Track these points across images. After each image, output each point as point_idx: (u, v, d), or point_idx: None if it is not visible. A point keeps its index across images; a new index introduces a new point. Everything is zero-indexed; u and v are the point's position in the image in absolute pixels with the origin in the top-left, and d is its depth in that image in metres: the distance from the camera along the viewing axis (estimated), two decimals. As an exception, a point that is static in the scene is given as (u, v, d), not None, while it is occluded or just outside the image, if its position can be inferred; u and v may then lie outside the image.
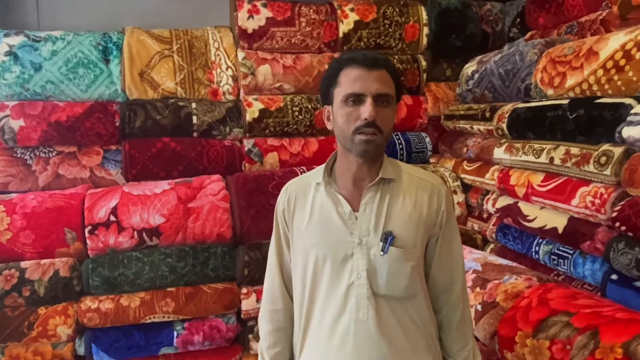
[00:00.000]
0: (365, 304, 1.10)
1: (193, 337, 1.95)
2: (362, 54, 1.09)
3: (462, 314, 1.20)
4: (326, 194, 1.15)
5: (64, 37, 2.26)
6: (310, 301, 1.16)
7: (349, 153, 1.11)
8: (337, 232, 1.12)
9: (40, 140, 2.19)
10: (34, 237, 1.91)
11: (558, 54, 1.94)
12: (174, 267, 1.95)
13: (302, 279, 1.17)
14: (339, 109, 1.09)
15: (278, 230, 1.23)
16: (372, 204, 1.12)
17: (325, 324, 1.14)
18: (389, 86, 1.08)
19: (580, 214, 1.68)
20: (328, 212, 1.14)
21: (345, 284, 1.11)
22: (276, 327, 1.24)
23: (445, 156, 2.72)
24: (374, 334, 1.10)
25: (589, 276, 1.67)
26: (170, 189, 2.08)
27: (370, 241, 1.11)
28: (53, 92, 2.22)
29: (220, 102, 2.46)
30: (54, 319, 1.84)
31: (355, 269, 1.11)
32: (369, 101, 1.05)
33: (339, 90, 1.09)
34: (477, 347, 1.23)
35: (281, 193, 1.23)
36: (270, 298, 1.25)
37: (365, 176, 1.13)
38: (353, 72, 1.07)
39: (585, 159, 1.65)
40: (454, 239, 1.20)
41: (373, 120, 1.05)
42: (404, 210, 1.13)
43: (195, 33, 2.49)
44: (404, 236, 1.11)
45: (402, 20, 2.63)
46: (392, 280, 1.11)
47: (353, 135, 1.07)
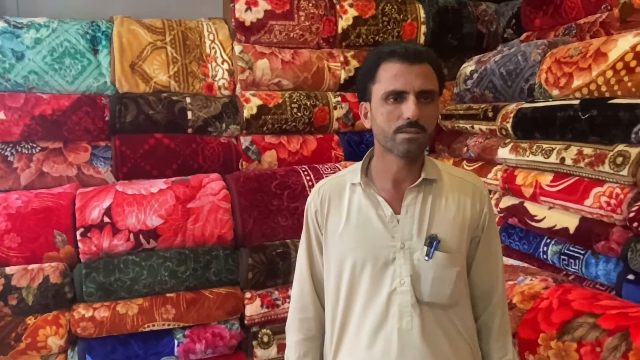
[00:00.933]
0: (409, 311, 1.04)
1: (195, 345, 1.85)
2: (404, 47, 1.01)
3: (501, 321, 1.15)
4: (364, 195, 1.09)
5: (49, 25, 2.10)
6: (347, 309, 1.09)
7: (388, 153, 1.05)
8: (377, 235, 1.06)
9: (23, 135, 2.02)
10: (19, 240, 1.76)
11: (563, 55, 1.94)
12: (174, 272, 1.84)
13: (337, 284, 1.10)
14: (379, 107, 1.02)
15: (309, 233, 1.16)
16: (415, 206, 1.06)
17: (364, 332, 1.08)
18: (432, 81, 1.02)
19: (594, 214, 1.69)
20: (367, 215, 1.07)
21: (387, 291, 1.05)
22: (306, 337, 1.17)
23: (442, 156, 2.71)
24: (419, 344, 1.05)
25: (603, 276, 1.67)
26: (167, 188, 1.97)
27: (413, 245, 1.05)
28: (36, 83, 2.06)
29: (215, 97, 2.35)
30: (44, 329, 1.70)
31: (398, 274, 1.05)
32: (412, 99, 0.98)
33: (378, 86, 1.02)
34: (517, 357, 1.19)
35: (312, 193, 1.16)
36: (300, 306, 1.18)
37: (406, 177, 1.07)
38: (394, 67, 1.00)
39: (599, 159, 1.66)
40: (495, 243, 1.16)
41: (417, 120, 0.98)
42: (447, 212, 1.07)
43: (189, 24, 2.37)
44: (449, 240, 1.06)
45: (400, 17, 2.60)
46: (437, 286, 1.05)
47: (395, 134, 1.00)
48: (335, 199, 1.12)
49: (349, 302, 1.09)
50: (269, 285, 2.00)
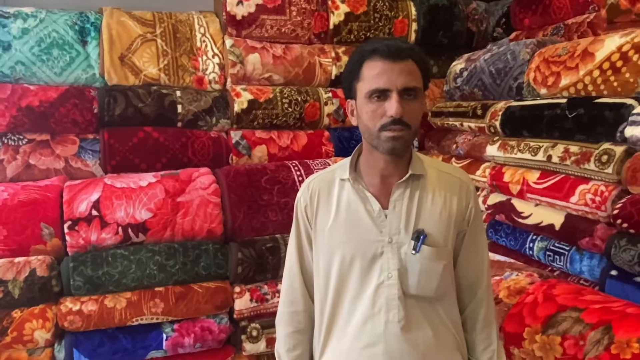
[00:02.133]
0: (395, 304, 1.07)
1: (183, 339, 1.85)
2: (386, 45, 1.02)
3: (486, 313, 1.18)
4: (353, 190, 1.10)
5: (36, 15, 2.07)
6: (336, 302, 1.11)
7: (375, 150, 1.06)
8: (365, 230, 1.08)
9: (9, 126, 1.99)
10: (5, 232, 1.74)
11: (552, 54, 1.97)
12: (163, 265, 1.84)
13: (326, 278, 1.12)
14: (364, 105, 1.04)
15: (299, 228, 1.17)
16: (402, 201, 1.08)
17: (351, 325, 1.10)
18: (416, 78, 1.03)
19: (579, 211, 1.72)
20: (355, 210, 1.09)
21: (375, 284, 1.07)
22: (296, 330, 1.19)
23: (432, 153, 2.73)
24: (405, 336, 1.07)
25: (587, 272, 1.71)
26: (156, 181, 1.95)
27: (401, 240, 1.07)
28: (23, 74, 2.03)
29: (206, 91, 2.34)
30: (31, 323, 1.69)
31: (386, 268, 1.07)
32: (395, 97, 0.99)
33: (362, 85, 1.04)
34: (502, 349, 1.21)
35: (302, 189, 1.17)
36: (290, 299, 1.19)
37: (393, 173, 1.08)
38: (376, 65, 1.01)
39: (585, 157, 1.69)
40: (480, 237, 1.18)
41: (400, 117, 1.00)
42: (434, 207, 1.09)
43: (179, 17, 2.35)
44: (436, 234, 1.08)
45: (391, 14, 2.60)
46: (424, 280, 1.07)
47: (379, 132, 1.02)
48: (324, 194, 1.13)
49: (338, 296, 1.11)
50: (259, 280, 2.00)
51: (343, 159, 1.18)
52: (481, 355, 1.18)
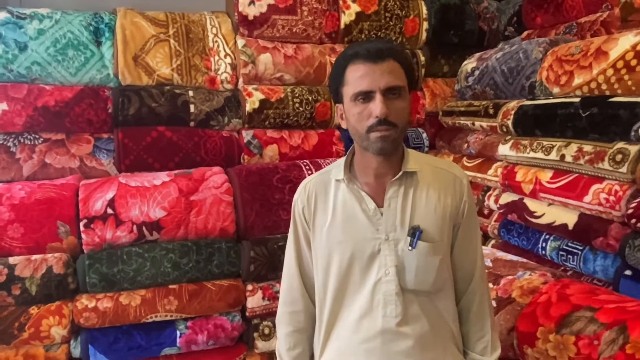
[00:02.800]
0: (393, 300, 1.09)
1: (197, 336, 1.86)
2: (366, 47, 1.04)
3: (480, 303, 1.19)
4: (348, 190, 1.12)
5: (52, 16, 2.09)
6: (336, 301, 1.13)
7: (366, 151, 1.08)
8: (362, 229, 1.10)
9: (25, 126, 2.02)
10: (22, 230, 1.76)
11: (564, 53, 1.96)
12: (176, 263, 1.85)
13: (325, 278, 1.14)
14: (350, 108, 1.06)
15: (297, 229, 1.18)
16: (397, 199, 1.10)
17: (350, 321, 1.12)
18: (398, 77, 1.04)
19: (593, 211, 1.71)
20: (352, 209, 1.11)
21: (373, 281, 1.09)
22: (296, 329, 1.20)
23: (443, 152, 2.72)
24: (403, 331, 1.09)
25: (600, 272, 1.70)
26: (170, 180, 1.97)
27: (397, 236, 1.09)
28: (39, 74, 2.06)
29: (218, 91, 2.36)
30: (48, 320, 1.71)
31: (383, 265, 1.09)
32: (379, 97, 1.01)
33: (347, 88, 1.06)
34: (497, 339, 1.22)
35: (299, 190, 1.19)
36: (290, 300, 1.21)
37: (387, 171, 1.10)
38: (358, 68, 1.03)
39: (599, 156, 1.68)
40: (474, 229, 1.20)
41: (385, 117, 1.01)
42: (429, 203, 1.11)
43: (192, 17, 2.37)
44: (431, 229, 1.10)
45: (402, 14, 2.60)
46: (421, 274, 1.09)
47: (367, 133, 1.04)
48: (321, 195, 1.15)
49: (337, 295, 1.13)
50: (270, 278, 2.02)
51: (338, 160, 1.20)
52: (475, 346, 1.19)
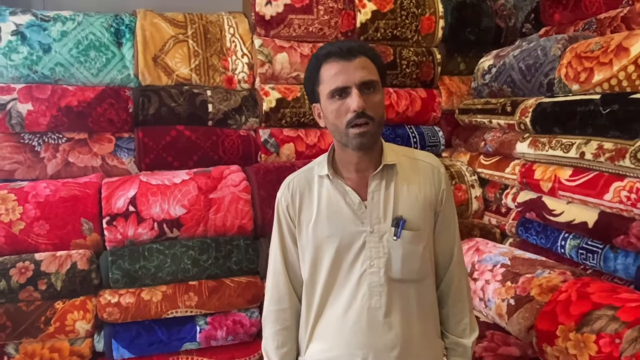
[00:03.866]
0: (377, 291, 1.12)
1: (216, 332, 1.89)
2: (337, 46, 1.08)
3: (458, 287, 1.24)
4: (332, 185, 1.15)
5: (74, 18, 2.14)
6: (324, 294, 1.16)
7: (346, 147, 1.11)
8: (348, 223, 1.13)
9: (49, 125, 2.07)
10: (48, 227, 1.81)
11: (584, 50, 1.94)
12: (196, 260, 1.88)
13: (314, 274, 1.16)
14: (327, 105, 1.09)
15: (281, 227, 1.21)
16: (379, 192, 1.13)
17: (336, 314, 1.15)
18: (372, 72, 1.09)
19: (614, 209, 1.69)
20: (336, 204, 1.14)
21: (358, 273, 1.12)
22: (283, 327, 1.22)
23: (459, 150, 2.72)
24: (388, 321, 1.12)
25: (621, 270, 1.69)
26: (189, 179, 2.00)
27: (382, 228, 1.12)
28: (62, 75, 2.11)
29: (235, 91, 2.38)
30: (72, 314, 1.75)
31: (368, 257, 1.12)
32: (355, 92, 1.05)
33: (323, 87, 1.09)
34: (474, 321, 1.27)
35: (282, 189, 1.21)
36: (276, 297, 1.22)
37: (367, 165, 1.14)
38: (332, 66, 1.07)
39: (620, 154, 1.66)
40: (452, 215, 1.24)
41: (363, 110, 1.05)
42: (410, 193, 1.15)
43: (210, 18, 2.40)
44: (414, 219, 1.14)
45: (418, 12, 2.59)
46: (407, 263, 1.13)
47: (346, 129, 1.07)
48: (305, 192, 1.18)
49: (326, 288, 1.15)
50: (288, 275, 2.03)
51: (320, 156, 1.22)
52: (455, 328, 1.24)
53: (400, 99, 2.60)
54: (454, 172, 2.44)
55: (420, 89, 2.69)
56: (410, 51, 2.62)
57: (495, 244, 2.08)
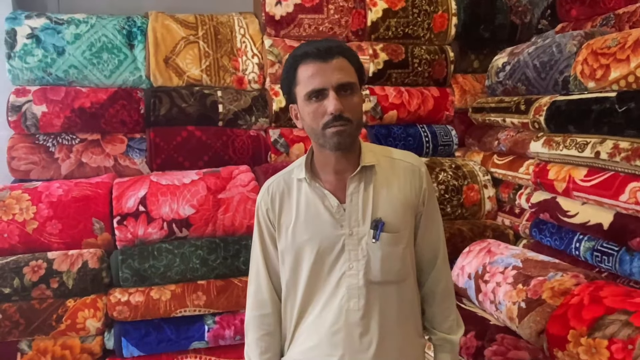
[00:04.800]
0: (356, 293, 1.11)
1: (224, 331, 1.90)
2: (315, 47, 1.06)
3: (445, 285, 1.24)
4: (310, 189, 1.14)
5: (87, 21, 2.18)
6: (305, 298, 1.15)
7: (324, 148, 1.09)
8: (327, 226, 1.12)
9: (63, 127, 2.11)
10: (60, 226, 1.84)
11: (600, 46, 1.89)
12: (205, 260, 1.90)
13: (295, 278, 1.15)
14: (304, 107, 1.07)
15: (262, 231, 1.20)
16: (358, 194, 1.12)
17: (316, 316, 1.14)
18: (349, 74, 1.07)
19: (630, 210, 1.64)
20: (315, 208, 1.13)
21: (337, 276, 1.11)
22: (266, 332, 1.20)
23: (472, 149, 2.67)
24: (365, 323, 1.11)
25: (637, 274, 1.63)
26: (199, 179, 2.02)
27: (361, 231, 1.11)
28: (76, 77, 2.15)
29: (245, 91, 2.39)
30: (83, 312, 1.78)
31: (348, 259, 1.11)
32: (332, 94, 1.03)
33: (299, 88, 1.07)
34: (459, 317, 1.26)
35: (262, 192, 1.20)
36: (259, 303, 1.21)
37: (346, 167, 1.12)
38: (309, 67, 1.05)
39: (636, 153, 1.61)
40: (435, 215, 1.22)
41: (340, 113, 1.03)
42: (389, 194, 1.13)
43: (220, 19, 2.42)
44: (393, 221, 1.12)
45: (430, 9, 2.56)
46: (386, 265, 1.11)
47: (323, 130, 1.05)
48: (285, 195, 1.17)
49: (306, 292, 1.14)
50: (296, 276, 2.03)
51: (299, 159, 1.21)
52: (441, 325, 1.24)
53: (412, 98, 2.57)
54: (466, 172, 2.40)
55: (432, 87, 2.66)
56: (422, 49, 2.59)
57: (508, 245, 2.04)
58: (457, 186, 2.34)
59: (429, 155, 2.59)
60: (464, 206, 2.35)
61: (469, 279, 1.96)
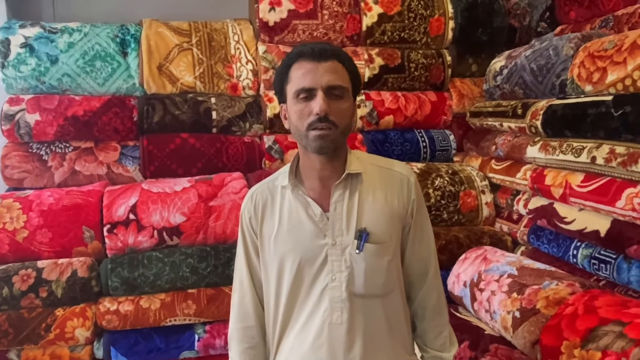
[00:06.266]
0: (339, 306, 1.07)
1: (214, 340, 1.88)
2: (310, 47, 1.04)
3: (437, 300, 1.19)
4: (294, 197, 1.10)
5: (81, 29, 2.19)
6: (287, 309, 1.11)
7: (307, 151, 1.07)
8: (309, 235, 1.08)
9: (57, 135, 2.12)
10: (51, 235, 1.84)
11: (597, 49, 1.84)
12: (195, 268, 1.88)
13: (277, 288, 1.12)
14: (292, 105, 1.05)
15: (245, 240, 1.17)
16: (342, 202, 1.08)
17: (299, 329, 1.10)
18: (341, 77, 1.04)
19: (627, 217, 1.59)
20: (298, 217, 1.09)
21: (320, 288, 1.08)
22: (250, 345, 1.17)
23: (470, 155, 2.63)
24: (348, 338, 1.07)
25: (635, 282, 1.58)
26: (190, 186, 2.01)
27: (344, 241, 1.07)
28: (69, 85, 2.15)
29: (240, 97, 2.38)
30: (72, 321, 1.78)
31: (330, 271, 1.07)
32: (320, 95, 1.01)
33: (290, 86, 1.05)
34: (452, 333, 1.21)
35: (245, 200, 1.17)
36: (243, 315, 1.18)
37: (331, 174, 1.09)
38: (302, 66, 1.03)
39: (633, 158, 1.56)
40: (425, 227, 1.18)
41: (325, 115, 1.00)
42: (375, 204, 1.09)
43: (214, 26, 2.41)
44: (378, 231, 1.08)
45: (427, 13, 2.53)
46: (370, 278, 1.07)
47: (307, 131, 1.02)
48: (268, 203, 1.14)
49: (289, 304, 1.11)
50: (289, 284, 2.01)
51: (285, 166, 1.18)
52: (434, 342, 1.19)
53: (408, 103, 2.54)
54: (463, 178, 2.36)
55: (430, 92, 2.63)
56: (419, 54, 2.56)
57: (504, 252, 1.99)
58: (453, 192, 2.30)
59: (426, 161, 2.55)
60: (460, 212, 2.31)
61: (465, 287, 1.92)
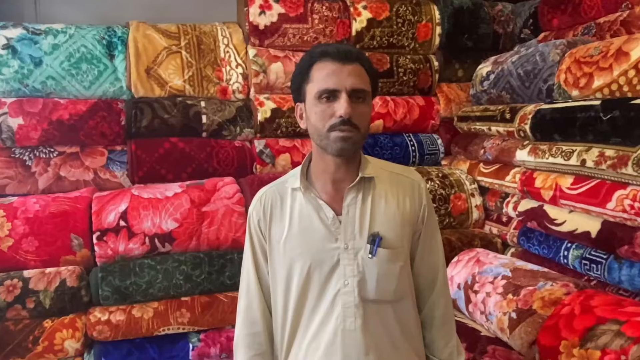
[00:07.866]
0: (352, 312, 1.06)
1: (210, 349, 1.84)
2: (335, 47, 1.03)
3: (445, 309, 1.18)
4: (305, 199, 1.08)
5: (66, 31, 2.12)
6: (297, 314, 1.09)
7: (325, 153, 1.05)
8: (321, 239, 1.06)
9: (41, 139, 2.04)
10: (37, 244, 1.77)
11: (583, 54, 1.90)
12: (188, 275, 1.84)
13: (286, 292, 1.10)
14: (313, 106, 1.03)
15: (253, 243, 1.14)
16: (355, 206, 1.07)
17: (311, 334, 1.08)
18: (364, 81, 1.03)
19: (617, 218, 1.64)
20: (309, 219, 1.08)
21: (332, 293, 1.06)
22: (257, 352, 1.14)
23: (458, 158, 2.67)
24: (362, 344, 1.05)
25: (626, 282, 1.63)
26: (182, 191, 1.97)
27: (356, 245, 1.06)
28: (54, 88, 2.09)
29: (230, 101, 2.35)
30: (61, 333, 1.71)
31: (343, 275, 1.06)
32: (344, 97, 1.00)
33: (311, 86, 1.03)
34: (460, 343, 1.21)
35: (254, 202, 1.15)
36: (250, 320, 1.15)
37: (344, 177, 1.07)
38: (326, 66, 1.02)
39: (622, 161, 1.61)
40: (435, 234, 1.18)
41: (349, 118, 0.99)
42: (388, 209, 1.09)
43: (203, 28, 2.38)
44: (391, 236, 1.07)
45: (415, 19, 2.57)
46: (382, 283, 1.06)
47: (328, 133, 1.01)
48: (277, 206, 1.12)
49: (298, 308, 1.09)
50: (284, 290, 1.99)
51: (295, 168, 1.17)
52: (442, 352, 1.18)
53: (397, 107, 2.56)
54: (453, 181, 2.39)
55: (418, 96, 2.66)
56: (407, 59, 2.59)
57: (497, 254, 2.03)
58: (444, 195, 2.33)
59: (415, 165, 2.58)
60: (451, 215, 2.34)
61: (459, 289, 1.93)
